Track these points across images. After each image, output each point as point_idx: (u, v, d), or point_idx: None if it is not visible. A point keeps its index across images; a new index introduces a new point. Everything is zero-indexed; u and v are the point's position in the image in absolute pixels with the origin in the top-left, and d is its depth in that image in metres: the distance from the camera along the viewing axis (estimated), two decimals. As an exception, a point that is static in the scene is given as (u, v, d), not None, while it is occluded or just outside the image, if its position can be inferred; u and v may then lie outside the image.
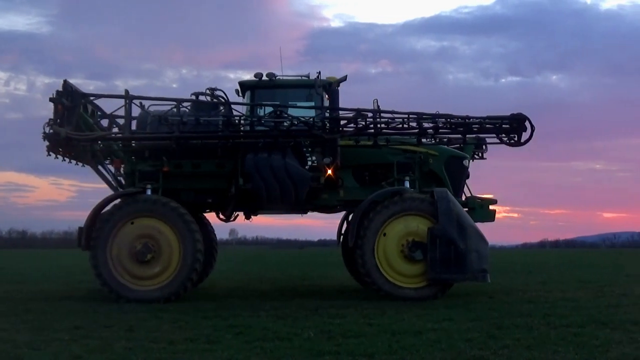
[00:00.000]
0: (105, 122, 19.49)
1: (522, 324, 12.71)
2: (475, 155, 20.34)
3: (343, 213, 20.34)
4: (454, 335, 11.49)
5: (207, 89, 18.82)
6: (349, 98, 22.19)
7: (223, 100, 18.59)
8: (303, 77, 19.17)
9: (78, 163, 19.20)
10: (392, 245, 17.42)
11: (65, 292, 20.54)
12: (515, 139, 18.09)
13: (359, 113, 17.92)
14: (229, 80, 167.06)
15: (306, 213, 20.00)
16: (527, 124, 17.95)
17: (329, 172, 18.06)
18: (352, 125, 17.97)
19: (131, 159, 18.67)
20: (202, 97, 18.71)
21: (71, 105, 17.96)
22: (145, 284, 17.28)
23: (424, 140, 18.34)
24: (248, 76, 18.74)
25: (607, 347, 10.47)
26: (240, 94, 19.42)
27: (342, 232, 20.09)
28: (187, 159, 18.29)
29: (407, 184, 18.43)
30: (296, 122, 17.87)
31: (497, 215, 19.34)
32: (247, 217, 19.75)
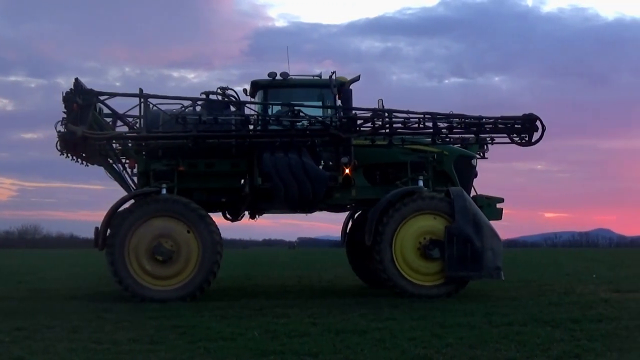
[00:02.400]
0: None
1: (465, 323, 12.81)
2: (477, 155, 20.54)
3: (346, 212, 20.85)
4: (398, 335, 11.54)
5: (218, 88, 18.78)
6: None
7: (234, 100, 18.74)
8: (315, 77, 19.29)
9: (84, 163, 19.07)
10: (409, 244, 17.61)
11: (5, 292, 20.28)
12: (526, 138, 18.46)
13: (376, 113, 18.11)
14: (173, 79, 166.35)
15: (311, 212, 20.07)
16: (538, 123, 18.29)
17: (347, 171, 18.28)
18: (368, 124, 18.14)
19: (145, 159, 18.43)
20: (211, 97, 18.66)
21: (86, 104, 17.76)
22: (163, 284, 17.24)
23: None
24: (192, 75, 18.91)
25: (548, 345, 10.60)
26: (248, 93, 19.49)
27: (347, 231, 20.91)
28: (201, 158, 18.26)
29: (420, 183, 18.55)
30: (313, 122, 18.12)
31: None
32: (252, 216, 19.76)
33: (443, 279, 17.48)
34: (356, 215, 21.39)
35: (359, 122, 18.13)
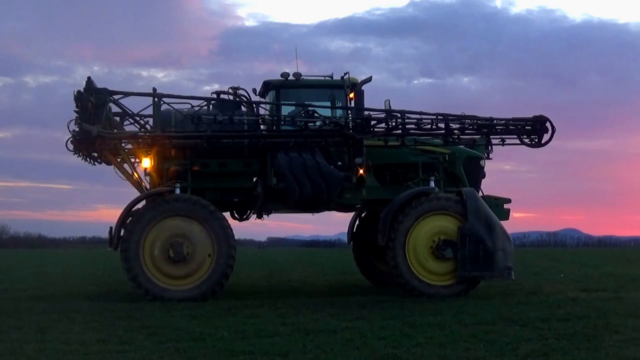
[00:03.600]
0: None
1: (434, 322, 12.87)
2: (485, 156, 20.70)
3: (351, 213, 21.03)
4: (368, 334, 11.58)
5: (230, 87, 18.90)
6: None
7: (245, 100, 18.88)
8: (326, 78, 19.39)
9: (92, 162, 19.00)
10: (421, 244, 17.67)
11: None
12: (536, 140, 18.78)
13: (390, 114, 18.23)
14: (142, 78, 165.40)
15: (319, 212, 20.13)
16: (548, 125, 18.61)
17: (361, 172, 18.40)
18: (382, 125, 18.30)
19: (158, 158, 18.28)
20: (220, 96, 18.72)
21: (100, 103, 17.68)
22: (178, 284, 17.20)
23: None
24: (161, 74, 18.87)
25: (516, 344, 10.68)
26: (258, 93, 19.58)
27: (353, 230, 21.21)
28: (213, 158, 18.24)
29: (432, 184, 18.68)
30: (327, 122, 18.24)
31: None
32: (259, 216, 19.65)
33: (455, 279, 17.62)
34: (362, 215, 21.51)
35: (372, 122, 18.33)
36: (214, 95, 18.61)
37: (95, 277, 26.44)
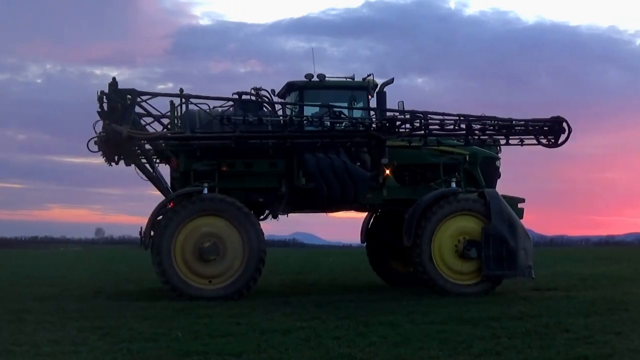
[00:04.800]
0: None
1: (388, 322, 12.92)
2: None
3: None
4: (322, 334, 11.58)
5: (252, 88, 19.01)
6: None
7: (267, 100, 19.16)
8: (347, 79, 19.64)
9: (111, 163, 18.71)
10: (446, 244, 18.06)
11: None
12: (553, 140, 19.20)
13: (414, 115, 18.44)
14: (96, 76, 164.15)
15: (338, 212, 20.68)
16: (565, 125, 18.99)
17: (387, 172, 18.87)
18: (406, 126, 18.58)
19: (185, 159, 18.31)
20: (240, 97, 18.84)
21: (129, 103, 17.76)
22: (209, 283, 17.37)
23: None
24: (115, 73, 18.80)
25: (470, 343, 10.77)
26: (277, 94, 19.69)
27: (367, 230, 21.36)
28: (239, 158, 18.38)
29: (453, 185, 18.98)
30: (354, 123, 18.58)
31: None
32: (275, 216, 19.58)
33: (478, 278, 18.06)
34: (377, 215, 21.66)
35: (397, 123, 18.61)
36: (236, 96, 18.75)
37: (48, 277, 26.12)
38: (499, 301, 16.55)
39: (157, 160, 18.95)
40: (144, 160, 18.63)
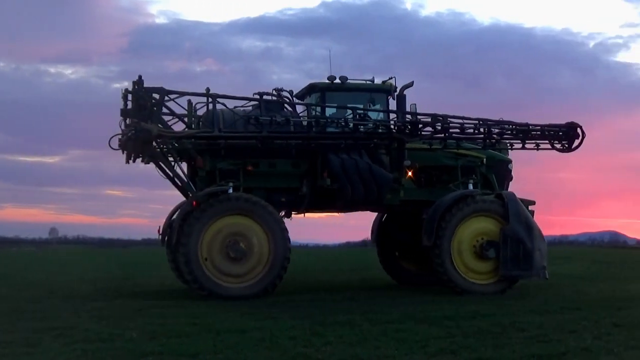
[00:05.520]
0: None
1: (345, 321, 12.95)
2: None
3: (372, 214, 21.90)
4: (278, 333, 11.58)
5: (274, 89, 19.25)
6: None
7: (288, 101, 19.48)
8: (367, 82, 19.82)
9: (129, 162, 18.56)
10: (465, 244, 18.49)
11: None
12: (567, 145, 19.88)
13: (436, 118, 18.82)
14: (50, 74, 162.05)
15: (350, 212, 21.13)
16: (579, 131, 19.72)
17: (410, 173, 19.48)
18: (429, 129, 18.99)
19: (210, 158, 18.42)
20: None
21: (158, 102, 17.79)
22: (235, 281, 17.51)
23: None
24: (69, 71, 18.72)
25: (425, 342, 10.83)
26: (295, 95, 19.91)
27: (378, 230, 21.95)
28: (262, 158, 18.64)
29: (470, 187, 19.56)
30: (378, 125, 18.90)
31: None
32: (288, 215, 19.77)
33: (495, 278, 18.52)
34: (388, 216, 21.95)
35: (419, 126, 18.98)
36: (257, 97, 18.83)
37: (1, 277, 25.81)
38: (455, 300, 16.67)
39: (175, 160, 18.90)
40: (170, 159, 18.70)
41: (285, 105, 19.36)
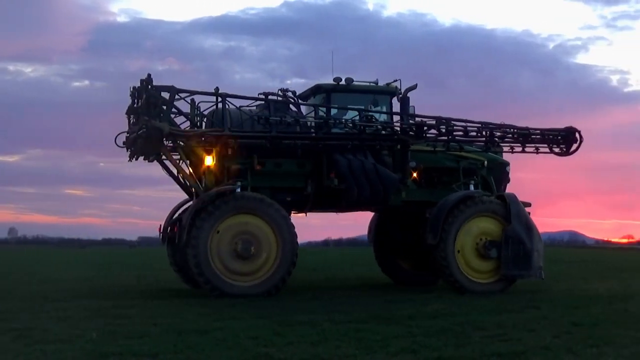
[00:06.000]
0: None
1: (307, 321, 12.95)
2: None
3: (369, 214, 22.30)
4: (240, 333, 11.55)
5: (279, 89, 19.56)
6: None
7: (293, 101, 19.81)
8: (371, 84, 20.21)
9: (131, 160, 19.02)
10: (468, 244, 18.87)
11: None
12: (565, 149, 20.38)
13: (440, 121, 19.16)
14: (9, 72, 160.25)
15: (353, 211, 21.52)
16: (577, 135, 20.22)
17: (415, 175, 19.82)
18: (434, 131, 19.35)
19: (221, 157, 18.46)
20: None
21: (169, 100, 17.78)
22: (244, 280, 17.62)
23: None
24: (29, 69, 18.50)
25: (386, 341, 10.86)
26: (296, 96, 20.18)
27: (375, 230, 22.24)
28: (268, 157, 18.77)
29: (471, 188, 20.05)
30: (385, 127, 19.22)
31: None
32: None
33: (495, 277, 18.96)
34: (385, 216, 22.11)
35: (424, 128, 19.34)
36: (268, 97, 19.07)
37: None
38: (416, 300, 16.76)
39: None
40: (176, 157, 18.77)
41: (290, 105, 19.62)
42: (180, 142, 18.13)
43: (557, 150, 20.47)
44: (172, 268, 20.52)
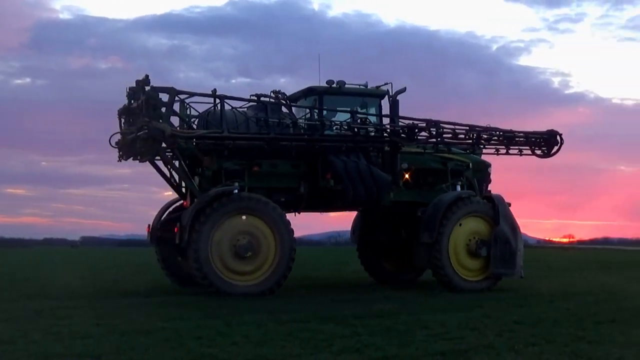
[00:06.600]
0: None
1: (251, 321, 12.95)
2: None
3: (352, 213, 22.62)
4: (184, 334, 11.53)
5: (272, 91, 19.84)
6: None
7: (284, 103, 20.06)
8: (361, 86, 20.47)
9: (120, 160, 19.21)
10: (460, 243, 19.46)
11: None
12: (546, 151, 21.25)
13: (430, 123, 19.58)
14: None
15: (345, 211, 22.09)
16: (558, 138, 21.08)
17: (407, 176, 20.24)
18: (425, 133, 19.73)
19: (217, 158, 18.51)
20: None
21: (169, 102, 17.74)
22: (243, 279, 17.89)
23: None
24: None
25: (331, 341, 10.90)
26: (286, 97, 20.24)
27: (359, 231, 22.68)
28: (263, 158, 18.98)
29: (458, 188, 20.60)
30: (378, 129, 19.83)
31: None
32: None
33: (483, 275, 19.66)
34: (367, 217, 22.38)
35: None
36: (264, 99, 19.40)
37: None
38: (361, 299, 16.85)
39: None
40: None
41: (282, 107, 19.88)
42: (181, 143, 18.15)
43: (538, 152, 21.25)
44: (161, 266, 20.70)
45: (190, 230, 17.48)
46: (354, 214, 22.69)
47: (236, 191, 18.14)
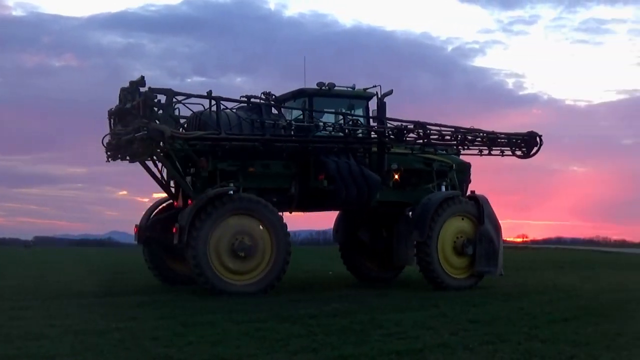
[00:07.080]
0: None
1: (207, 321, 12.94)
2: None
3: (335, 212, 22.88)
4: (139, 334, 11.47)
5: (262, 93, 20.06)
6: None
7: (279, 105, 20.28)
8: (348, 89, 20.66)
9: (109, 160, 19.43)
10: (448, 241, 19.90)
11: None
12: (526, 152, 21.95)
13: (417, 125, 19.98)
14: None
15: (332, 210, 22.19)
16: (538, 139, 21.80)
17: (396, 176, 20.48)
18: (413, 135, 20.13)
19: (212, 159, 18.55)
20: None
21: (167, 103, 17.72)
22: (240, 279, 17.95)
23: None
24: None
25: (287, 340, 10.93)
26: (273, 98, 20.32)
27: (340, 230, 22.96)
28: (258, 159, 19.07)
29: (442, 189, 21.31)
30: (369, 130, 20.25)
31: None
32: None
33: (467, 273, 20.16)
34: (349, 216, 22.58)
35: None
36: (258, 100, 19.66)
37: None
38: (316, 299, 16.89)
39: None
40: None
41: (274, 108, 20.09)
42: (178, 145, 18.12)
43: (519, 153, 21.87)
44: (148, 266, 20.82)
45: (189, 231, 17.53)
46: (324, 214, 22.83)
47: (231, 192, 18.29)
